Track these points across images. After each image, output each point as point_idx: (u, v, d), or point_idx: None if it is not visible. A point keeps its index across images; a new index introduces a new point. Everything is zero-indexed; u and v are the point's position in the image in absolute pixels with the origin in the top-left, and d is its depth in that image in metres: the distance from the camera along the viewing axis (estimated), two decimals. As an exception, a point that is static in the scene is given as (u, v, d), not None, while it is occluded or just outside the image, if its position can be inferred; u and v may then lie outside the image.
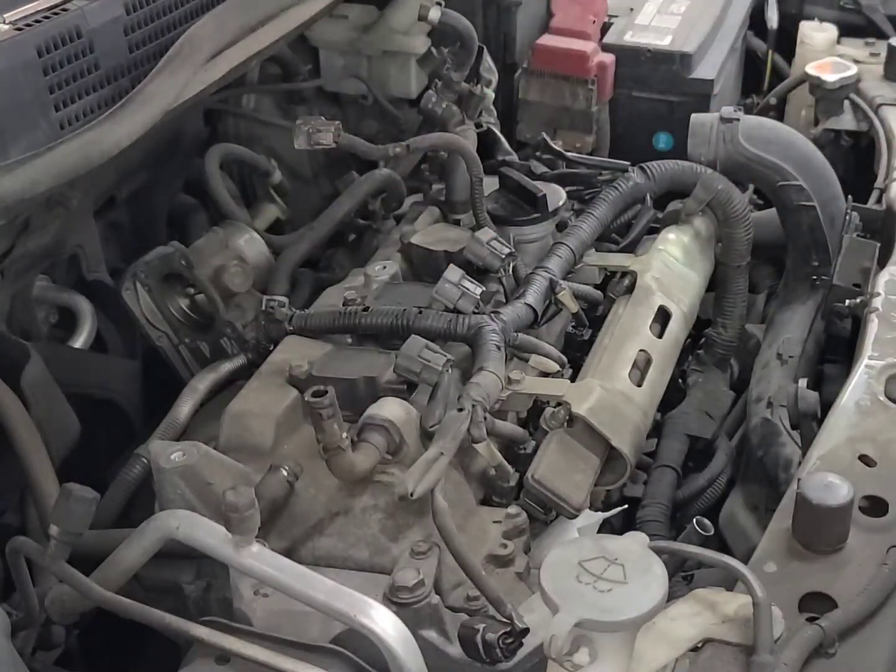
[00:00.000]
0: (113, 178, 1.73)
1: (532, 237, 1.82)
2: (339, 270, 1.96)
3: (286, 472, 1.32)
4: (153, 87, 1.35)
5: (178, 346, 1.76)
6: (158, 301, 1.73)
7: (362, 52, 2.15)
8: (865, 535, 1.23)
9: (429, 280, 1.67)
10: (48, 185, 1.23)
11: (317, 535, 1.33)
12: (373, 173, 1.98)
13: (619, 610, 1.00)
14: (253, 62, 1.65)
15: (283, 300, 1.67)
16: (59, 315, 1.70)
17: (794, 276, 2.06)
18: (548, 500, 1.44)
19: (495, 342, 1.49)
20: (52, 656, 1.37)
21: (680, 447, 1.89)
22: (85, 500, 1.20)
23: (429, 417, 1.37)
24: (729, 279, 1.97)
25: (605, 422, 1.52)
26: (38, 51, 1.28)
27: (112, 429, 1.68)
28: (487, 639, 1.18)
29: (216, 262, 1.77)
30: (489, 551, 1.33)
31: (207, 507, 1.28)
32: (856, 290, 1.73)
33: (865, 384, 1.46)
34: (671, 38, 2.37)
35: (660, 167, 1.92)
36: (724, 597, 1.16)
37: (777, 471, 1.71)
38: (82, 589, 1.21)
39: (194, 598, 1.33)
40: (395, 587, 1.20)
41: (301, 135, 1.59)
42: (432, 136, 1.85)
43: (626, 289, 1.79)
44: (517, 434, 1.50)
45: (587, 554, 1.05)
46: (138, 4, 1.42)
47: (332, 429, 1.25)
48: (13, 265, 1.50)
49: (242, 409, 1.44)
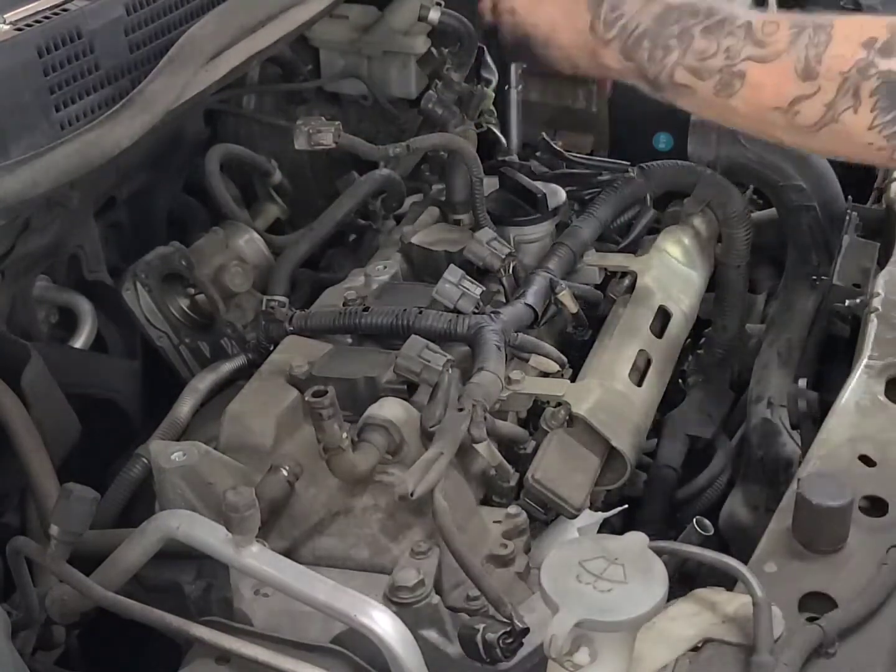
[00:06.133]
0: (113, 179, 1.73)
1: (532, 237, 1.82)
2: (339, 270, 1.96)
3: (286, 472, 1.32)
4: (154, 87, 1.35)
5: (179, 346, 1.76)
6: (158, 301, 1.73)
7: (362, 52, 2.15)
8: (865, 535, 1.23)
9: (429, 280, 1.67)
10: (48, 185, 1.23)
11: (317, 535, 1.33)
12: (373, 173, 1.98)
13: (619, 610, 1.00)
14: (253, 62, 1.65)
15: (283, 300, 1.67)
16: (59, 315, 1.70)
17: (794, 276, 2.06)
18: (548, 500, 1.45)
19: (495, 342, 1.49)
20: (52, 656, 1.37)
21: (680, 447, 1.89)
22: (85, 500, 1.20)
23: (429, 417, 1.37)
24: (729, 279, 1.97)
25: (605, 422, 1.52)
26: (38, 51, 1.28)
27: (112, 429, 1.68)
28: (487, 639, 1.18)
29: (216, 262, 1.78)
30: (489, 551, 1.33)
31: (207, 507, 1.28)
32: (856, 290, 1.73)
33: (865, 384, 1.45)
34: (671, 38, 2.37)
35: (660, 167, 1.92)
36: (724, 597, 1.16)
37: (777, 471, 1.71)
38: (82, 589, 1.21)
39: (195, 598, 1.33)
40: (395, 587, 1.21)
41: (301, 135, 1.59)
42: (432, 136, 1.85)
43: (626, 289, 1.79)
44: (517, 434, 1.50)
45: (587, 554, 1.05)
46: (139, 5, 1.42)
47: (332, 429, 1.25)
48: (13, 265, 1.50)
49: (242, 409, 1.44)
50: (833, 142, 1.36)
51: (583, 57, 1.50)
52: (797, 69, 1.32)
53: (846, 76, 1.30)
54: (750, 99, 1.36)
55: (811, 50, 1.32)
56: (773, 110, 1.35)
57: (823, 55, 1.31)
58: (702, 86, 1.39)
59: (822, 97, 1.31)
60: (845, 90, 1.30)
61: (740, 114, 1.39)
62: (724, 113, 1.41)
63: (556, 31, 1.51)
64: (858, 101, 1.30)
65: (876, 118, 1.29)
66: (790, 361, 1.88)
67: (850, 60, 1.30)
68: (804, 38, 1.32)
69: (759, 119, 1.39)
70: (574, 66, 1.53)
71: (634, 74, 1.45)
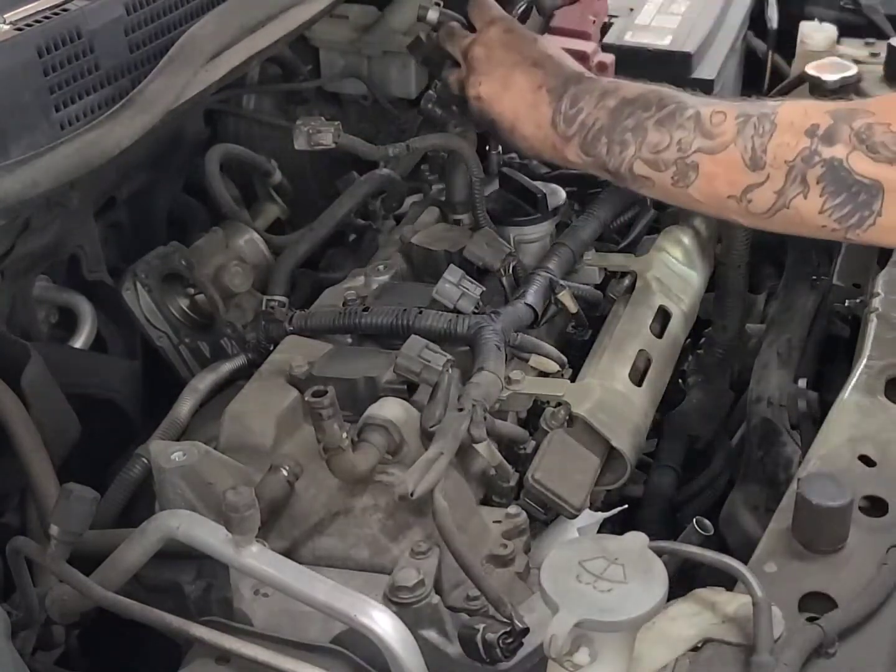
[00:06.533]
0: (113, 179, 1.73)
1: (532, 237, 1.82)
2: (339, 270, 1.96)
3: (286, 472, 1.32)
4: (154, 87, 1.35)
5: (179, 346, 1.76)
6: (158, 301, 1.73)
7: (362, 52, 2.15)
8: (865, 535, 1.23)
9: (429, 280, 1.67)
10: (48, 185, 1.23)
11: (317, 535, 1.33)
12: (373, 173, 1.98)
13: (619, 610, 1.00)
14: (253, 62, 1.65)
15: (283, 300, 1.67)
16: (59, 315, 1.70)
17: (794, 275, 2.06)
18: (548, 500, 1.44)
19: (495, 342, 1.49)
20: (52, 656, 1.37)
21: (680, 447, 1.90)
22: (85, 500, 1.20)
23: (429, 417, 1.37)
24: (729, 279, 1.97)
25: (605, 422, 1.52)
26: (38, 51, 1.27)
27: (112, 429, 1.68)
28: (487, 639, 1.18)
29: (216, 261, 1.77)
30: (489, 551, 1.33)
31: (207, 507, 1.28)
32: (856, 290, 1.73)
33: (865, 384, 1.46)
34: (671, 38, 2.37)
35: (660, 167, 1.92)
36: (724, 597, 1.17)
37: (777, 471, 1.71)
38: (82, 589, 1.21)
39: (194, 598, 1.33)
40: (395, 587, 1.20)
41: (301, 135, 1.59)
42: (432, 136, 1.85)
43: (626, 289, 1.79)
44: (517, 434, 1.50)
45: (587, 554, 1.05)
46: (139, 5, 1.42)
47: (332, 429, 1.25)
48: (13, 265, 1.50)
49: (242, 409, 1.44)
50: (788, 225, 1.40)
51: (545, 149, 1.55)
52: (745, 159, 1.37)
53: (792, 165, 1.34)
54: (705, 189, 1.41)
55: (756, 140, 1.36)
56: (728, 199, 1.40)
57: (768, 145, 1.35)
58: (660, 177, 1.44)
59: (771, 185, 1.36)
60: (793, 178, 1.34)
61: (700, 202, 1.44)
62: (686, 201, 1.46)
63: (519, 122, 1.57)
64: (807, 187, 1.34)
65: (825, 203, 1.33)
66: (790, 361, 1.88)
67: (794, 149, 1.34)
68: (749, 128, 1.37)
69: (717, 207, 1.44)
70: (538, 155, 1.61)
71: (596, 168, 1.51)
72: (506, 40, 1.61)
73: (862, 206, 1.32)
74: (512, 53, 1.60)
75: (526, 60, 1.58)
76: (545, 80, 1.55)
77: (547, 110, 1.53)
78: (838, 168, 1.32)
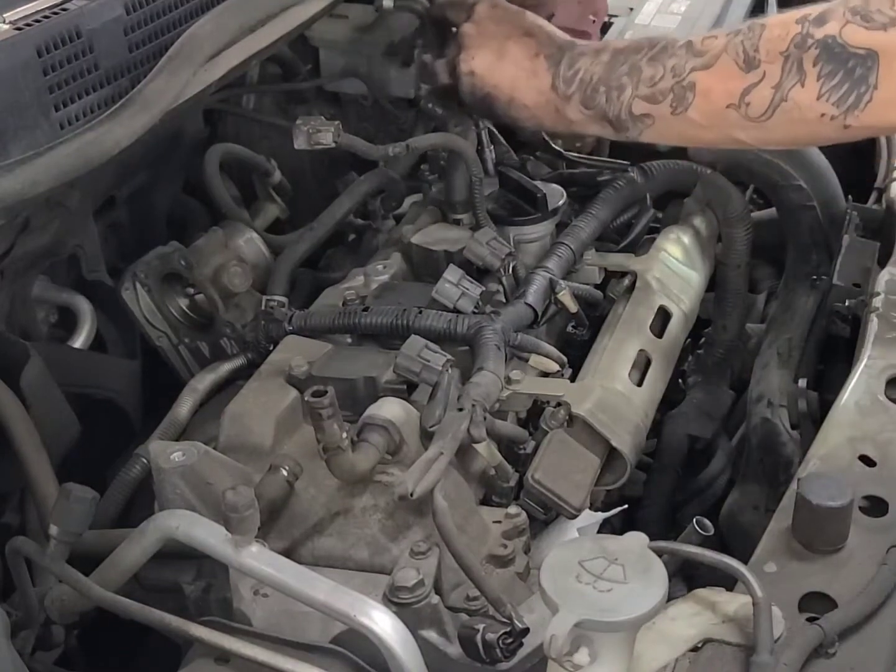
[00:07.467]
0: (113, 178, 1.73)
1: (532, 237, 1.82)
2: (339, 270, 1.96)
3: (286, 472, 1.32)
4: (153, 87, 1.35)
5: (178, 346, 1.76)
6: (158, 301, 1.73)
7: (362, 51, 2.15)
8: (865, 535, 1.23)
9: (429, 280, 1.67)
10: (48, 185, 1.23)
11: (317, 535, 1.33)
12: (373, 173, 1.98)
13: (619, 610, 1.00)
14: (253, 62, 1.65)
15: (283, 300, 1.67)
16: (58, 315, 1.70)
17: (794, 276, 2.06)
18: (548, 500, 1.44)
19: (495, 342, 1.49)
20: (52, 656, 1.37)
21: (680, 447, 1.89)
22: (85, 500, 1.21)
23: (429, 417, 1.37)
24: (729, 279, 1.97)
25: (604, 422, 1.52)
26: (37, 51, 1.27)
27: (112, 429, 1.68)
28: (487, 639, 1.18)
29: (216, 261, 1.77)
30: (489, 551, 1.33)
31: (207, 507, 1.28)
32: (856, 290, 1.73)
33: (865, 384, 1.46)
34: (671, 38, 2.37)
35: (660, 167, 1.92)
36: (724, 597, 1.16)
37: (777, 471, 1.71)
38: (82, 589, 1.21)
39: (194, 598, 1.33)
40: (395, 587, 1.20)
41: (301, 135, 1.59)
42: (432, 135, 1.85)
43: (626, 289, 1.79)
44: (517, 434, 1.50)
45: (587, 554, 1.05)
46: (138, 4, 1.42)
47: (331, 429, 1.25)
48: (13, 265, 1.50)
49: (242, 409, 1.44)
50: (787, 124, 1.39)
51: (547, 114, 1.57)
52: (738, 63, 1.38)
53: (786, 54, 1.35)
54: (703, 106, 1.42)
55: (747, 42, 1.38)
56: (727, 109, 1.40)
57: (759, 43, 1.37)
58: (658, 109, 1.45)
59: (768, 81, 1.36)
60: (789, 68, 1.34)
61: (699, 124, 1.44)
62: (686, 129, 1.46)
63: (518, 91, 1.59)
64: (803, 73, 1.34)
65: (823, 86, 1.33)
66: (790, 361, 1.88)
67: (786, 39, 1.35)
68: (739, 35, 1.39)
69: (717, 124, 1.44)
70: (538, 123, 1.62)
71: (597, 121, 1.52)
72: (494, 14, 1.64)
73: (859, 81, 1.32)
74: (503, 26, 1.62)
75: (517, 31, 1.61)
76: (540, 47, 1.58)
77: (546, 76, 1.55)
78: (832, 45, 1.32)
